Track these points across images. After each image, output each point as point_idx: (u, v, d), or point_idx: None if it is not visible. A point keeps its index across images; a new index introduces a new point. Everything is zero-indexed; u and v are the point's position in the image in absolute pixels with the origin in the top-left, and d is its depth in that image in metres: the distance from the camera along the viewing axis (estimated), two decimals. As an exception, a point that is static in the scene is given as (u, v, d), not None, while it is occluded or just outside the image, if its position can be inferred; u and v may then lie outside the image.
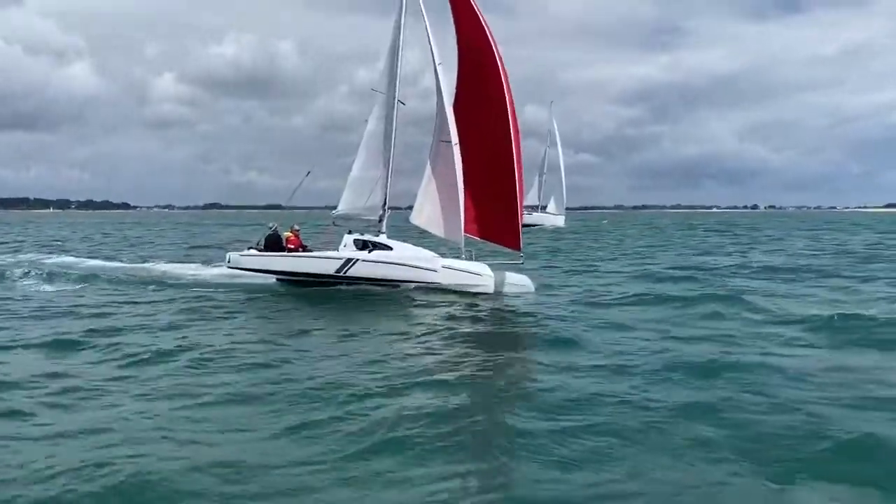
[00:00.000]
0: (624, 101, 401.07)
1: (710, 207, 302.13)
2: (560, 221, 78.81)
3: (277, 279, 21.41)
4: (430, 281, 19.68)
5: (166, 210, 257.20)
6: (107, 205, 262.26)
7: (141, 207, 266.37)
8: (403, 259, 20.07)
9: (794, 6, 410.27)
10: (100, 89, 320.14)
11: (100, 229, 73.98)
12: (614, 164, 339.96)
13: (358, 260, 20.18)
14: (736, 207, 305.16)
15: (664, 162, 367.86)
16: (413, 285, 19.72)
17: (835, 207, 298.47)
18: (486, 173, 20.05)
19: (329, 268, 20.36)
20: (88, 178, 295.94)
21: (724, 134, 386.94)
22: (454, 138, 19.82)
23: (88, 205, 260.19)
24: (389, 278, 19.92)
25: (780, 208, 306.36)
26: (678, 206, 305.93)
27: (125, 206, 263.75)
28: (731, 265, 28.20)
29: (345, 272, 20.21)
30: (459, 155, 19.82)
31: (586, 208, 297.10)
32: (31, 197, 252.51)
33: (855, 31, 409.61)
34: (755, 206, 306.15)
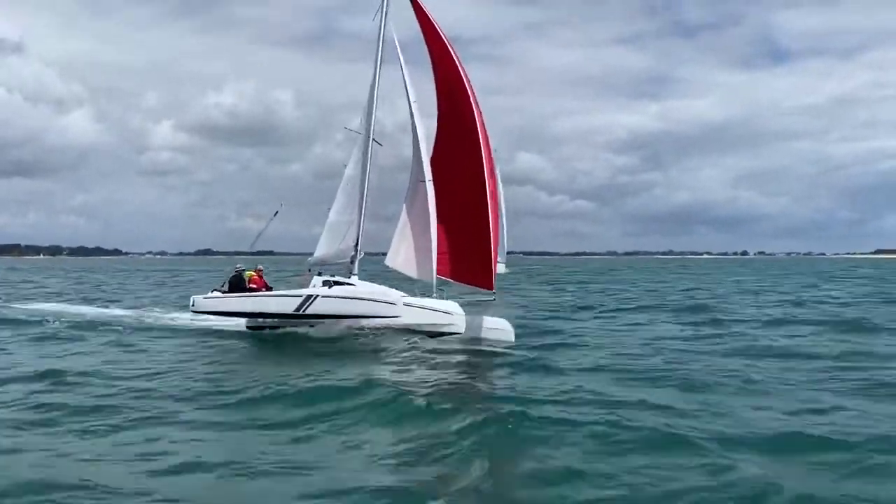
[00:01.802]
0: (616, 148, 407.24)
1: (702, 254, 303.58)
2: (501, 268, 78.36)
3: (247, 326, 20.94)
4: (391, 316, 19.04)
5: (158, 256, 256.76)
6: (98, 251, 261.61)
7: (132, 254, 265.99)
8: (363, 294, 19.52)
9: (781, 56, 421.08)
10: (99, 137, 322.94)
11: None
12: (608, 210, 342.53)
13: (317, 296, 19.55)
14: (726, 254, 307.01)
15: (657, 209, 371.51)
16: (374, 321, 19.05)
17: (824, 254, 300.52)
18: (462, 213, 19.90)
19: (289, 306, 19.74)
20: (83, 225, 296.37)
21: (716, 181, 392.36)
22: (427, 175, 19.76)
23: (80, 251, 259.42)
24: (349, 314, 19.32)
25: (771, 255, 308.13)
26: (670, 253, 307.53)
27: (117, 252, 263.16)
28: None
29: (304, 310, 19.55)
30: (433, 192, 19.72)
31: (579, 254, 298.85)
32: (23, 244, 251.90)
33: (841, 81, 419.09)
34: (745, 253, 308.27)
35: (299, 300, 19.67)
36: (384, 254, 21.03)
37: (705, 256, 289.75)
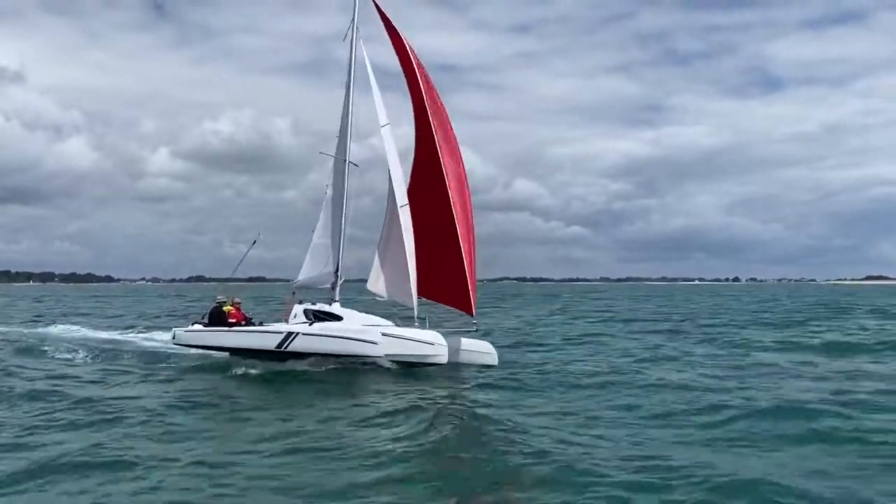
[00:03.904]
0: (612, 175, 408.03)
1: (694, 280, 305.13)
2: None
3: (230, 354, 20.55)
4: (372, 354, 18.66)
5: (150, 283, 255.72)
6: (90, 277, 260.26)
7: (124, 280, 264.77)
8: (343, 332, 19.12)
9: (773, 84, 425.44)
10: (96, 164, 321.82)
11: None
12: (603, 236, 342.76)
13: (298, 334, 19.27)
14: (718, 280, 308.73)
15: (652, 235, 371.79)
16: (358, 359, 18.72)
17: (815, 280, 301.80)
18: (439, 238, 19.78)
19: (270, 343, 19.52)
20: (77, 251, 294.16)
21: (711, 208, 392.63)
22: (401, 200, 19.74)
23: (71, 278, 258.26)
24: (329, 352, 18.95)
25: (762, 281, 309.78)
26: (664, 279, 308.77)
27: (109, 278, 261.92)
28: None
29: (285, 347, 19.32)
30: (409, 217, 19.67)
31: (574, 280, 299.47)
32: (13, 270, 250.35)
33: (832, 109, 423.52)
34: (736, 279, 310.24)
35: (280, 337, 19.44)
36: (360, 280, 20.98)
37: (696, 282, 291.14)
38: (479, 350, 19.70)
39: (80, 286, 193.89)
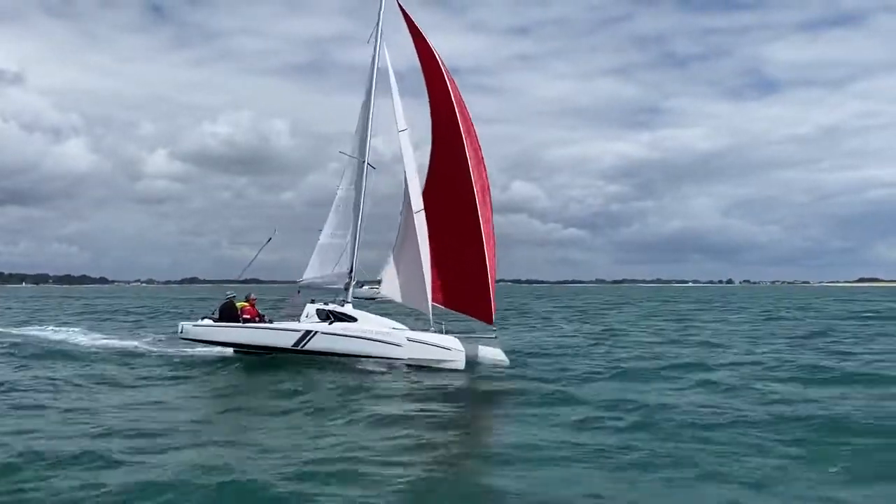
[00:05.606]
0: (609, 177, 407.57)
1: (688, 282, 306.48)
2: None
3: (234, 351, 20.25)
4: (394, 356, 18.41)
5: (144, 284, 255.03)
6: (85, 279, 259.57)
7: (119, 282, 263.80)
8: (366, 332, 18.78)
9: (771, 87, 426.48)
10: (94, 166, 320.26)
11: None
12: (600, 238, 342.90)
13: (317, 332, 18.86)
14: (712, 282, 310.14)
15: (649, 237, 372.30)
16: (375, 361, 18.38)
17: (808, 282, 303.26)
18: (457, 243, 19.45)
19: (286, 341, 19.11)
20: (74, 253, 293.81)
21: (708, 210, 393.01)
22: (417, 206, 19.33)
23: (66, 279, 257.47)
24: (350, 353, 18.61)
25: (756, 283, 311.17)
26: (658, 281, 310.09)
27: (103, 280, 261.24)
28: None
29: (303, 346, 18.92)
30: (425, 223, 19.29)
31: (570, 282, 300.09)
32: (7, 272, 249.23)
33: (828, 112, 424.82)
34: (730, 281, 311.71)
35: (298, 335, 19.08)
36: (373, 282, 20.55)
37: (690, 285, 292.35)
38: (493, 357, 19.48)
39: (72, 288, 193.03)
